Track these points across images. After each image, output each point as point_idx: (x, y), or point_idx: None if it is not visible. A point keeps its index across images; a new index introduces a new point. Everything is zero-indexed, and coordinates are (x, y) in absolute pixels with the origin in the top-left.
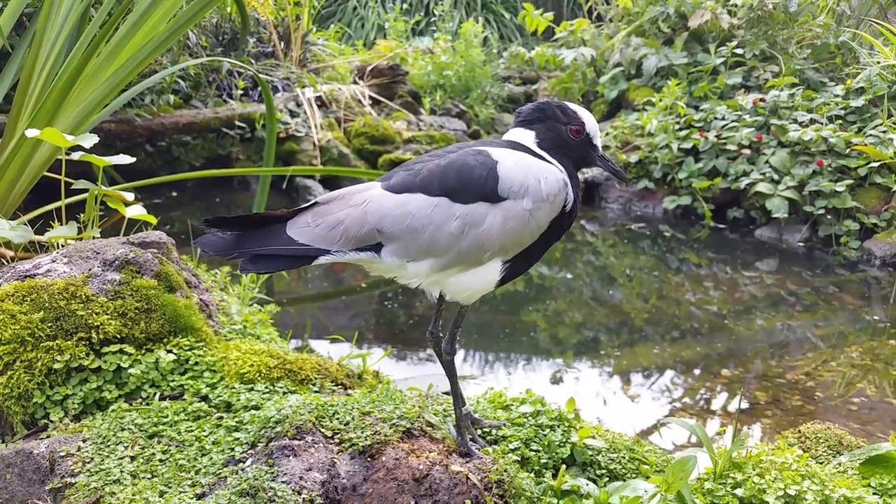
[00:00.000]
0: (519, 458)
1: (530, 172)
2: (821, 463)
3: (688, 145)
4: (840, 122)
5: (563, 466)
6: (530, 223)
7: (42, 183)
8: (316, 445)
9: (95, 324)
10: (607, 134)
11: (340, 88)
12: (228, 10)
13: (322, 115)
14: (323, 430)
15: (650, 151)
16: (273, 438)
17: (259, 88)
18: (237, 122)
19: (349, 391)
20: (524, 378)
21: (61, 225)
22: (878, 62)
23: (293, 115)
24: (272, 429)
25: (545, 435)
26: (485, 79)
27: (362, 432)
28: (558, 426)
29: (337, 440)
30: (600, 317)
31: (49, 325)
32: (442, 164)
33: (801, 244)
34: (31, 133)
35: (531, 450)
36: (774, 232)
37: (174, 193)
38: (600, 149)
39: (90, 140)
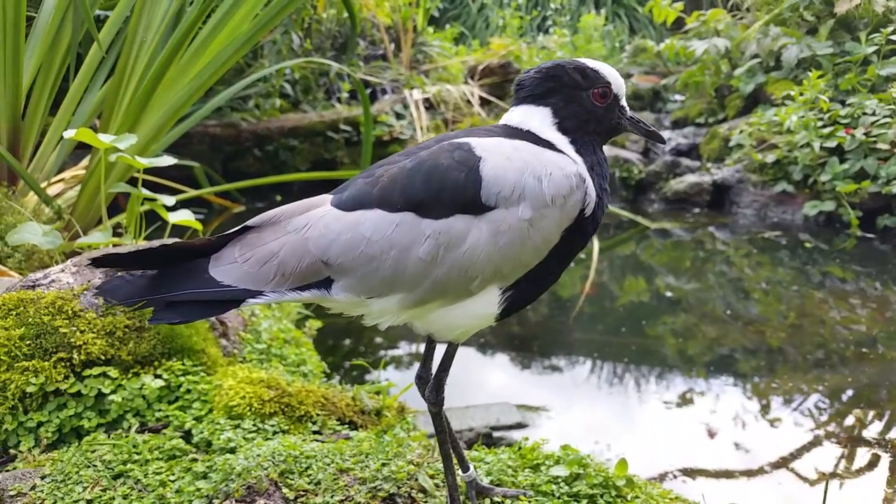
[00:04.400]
0: None
1: (527, 168)
2: None
3: (832, 144)
4: None
5: None
6: (532, 237)
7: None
8: None
9: (78, 343)
10: (741, 131)
11: (449, 89)
12: (345, 14)
13: (429, 117)
14: (286, 489)
15: (789, 151)
16: (229, 495)
17: (368, 90)
18: (342, 126)
19: (355, 432)
20: (638, 402)
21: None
22: None
23: (399, 117)
24: (232, 482)
25: None
26: None
27: (331, 497)
28: (601, 496)
29: None
30: (734, 334)
31: (28, 342)
32: (407, 166)
33: None
34: (68, 134)
35: None
36: None
37: (278, 198)
38: (628, 109)
39: (127, 141)
